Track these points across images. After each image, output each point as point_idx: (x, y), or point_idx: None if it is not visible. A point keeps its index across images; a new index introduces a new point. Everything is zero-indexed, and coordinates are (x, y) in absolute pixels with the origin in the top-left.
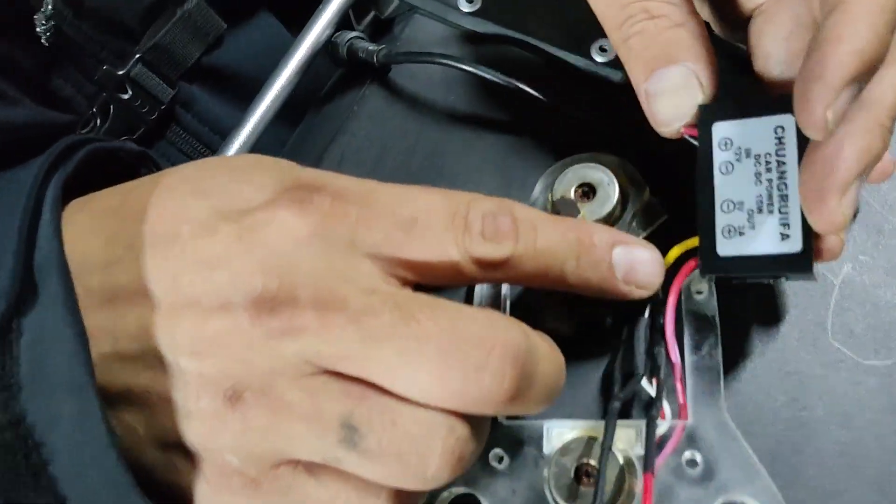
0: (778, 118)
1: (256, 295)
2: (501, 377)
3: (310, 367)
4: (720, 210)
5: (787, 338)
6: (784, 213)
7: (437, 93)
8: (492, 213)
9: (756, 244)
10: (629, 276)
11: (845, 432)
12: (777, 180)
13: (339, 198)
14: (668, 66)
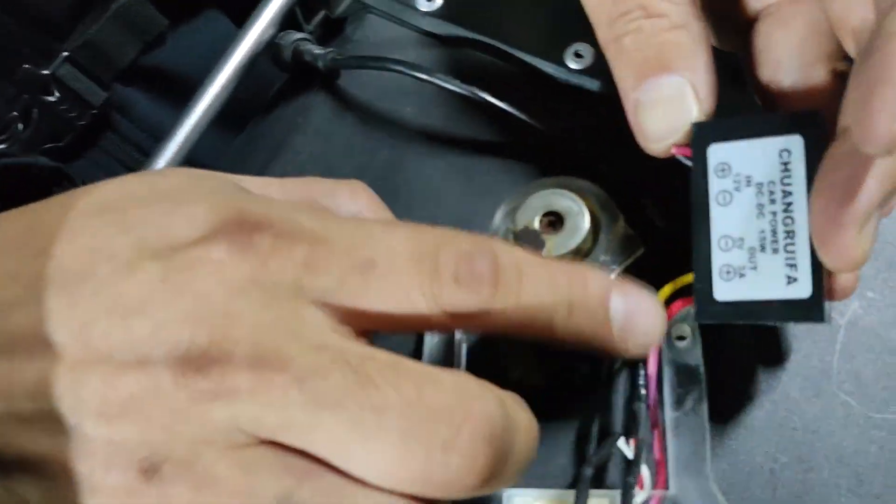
0: (783, 140)
1: (182, 350)
2: (473, 458)
3: (243, 436)
4: (717, 247)
5: (786, 387)
6: (790, 252)
7: (391, 103)
8: (468, 255)
9: (759, 288)
10: (626, 331)
11: (856, 499)
12: (782, 213)
13: (285, 235)
14: (663, 73)
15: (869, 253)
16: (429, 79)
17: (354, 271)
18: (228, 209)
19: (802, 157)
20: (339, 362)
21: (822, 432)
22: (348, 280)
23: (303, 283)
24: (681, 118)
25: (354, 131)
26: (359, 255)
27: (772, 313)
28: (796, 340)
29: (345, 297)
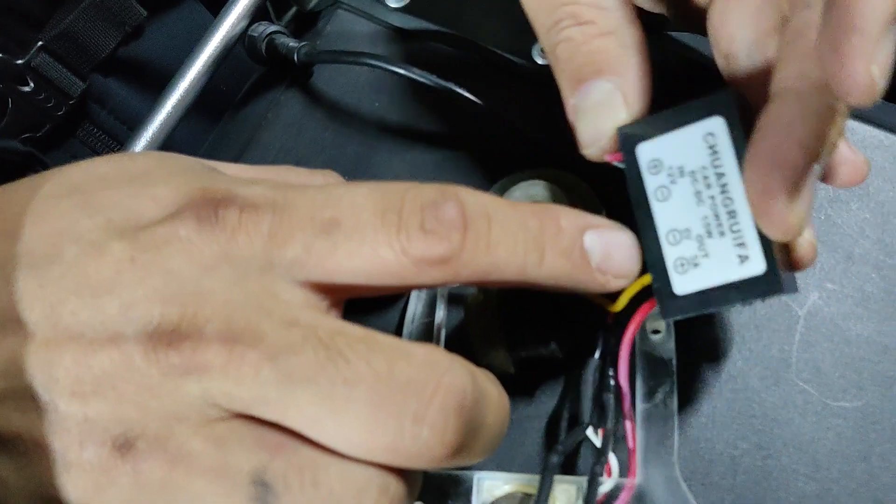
0: (705, 124)
1: (153, 327)
2: (443, 429)
3: (217, 410)
4: (667, 242)
5: (747, 376)
6: (737, 232)
7: (361, 98)
8: (433, 203)
9: (714, 274)
10: (604, 264)
11: (814, 484)
12: (720, 196)
13: (250, 209)
14: (594, 79)
15: (806, 219)
16: (405, 73)
17: (320, 234)
18: (193, 187)
19: (727, 136)
20: (311, 338)
21: (781, 420)
22: (315, 244)
23: (271, 256)
24: (611, 122)
25: (324, 126)
26: (322, 216)
27: (733, 296)
28: (757, 330)
29: (313, 262)
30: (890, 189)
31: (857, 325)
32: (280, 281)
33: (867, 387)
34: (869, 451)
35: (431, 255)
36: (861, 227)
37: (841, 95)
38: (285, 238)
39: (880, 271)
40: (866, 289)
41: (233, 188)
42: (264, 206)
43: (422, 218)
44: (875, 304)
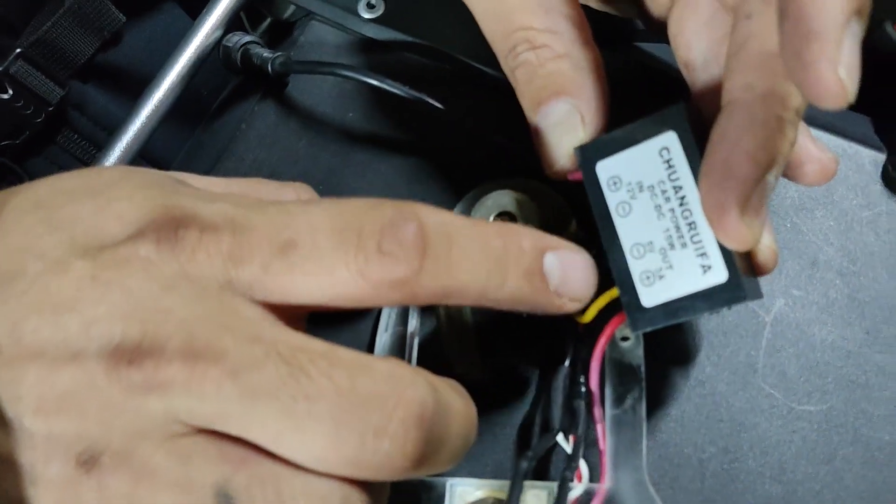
0: (659, 139)
1: (114, 345)
2: (404, 442)
3: (180, 426)
4: (631, 257)
5: (715, 381)
6: (697, 243)
7: (334, 109)
8: (392, 223)
9: (679, 285)
10: (562, 287)
11: (779, 487)
12: (679, 208)
13: (210, 229)
14: (552, 100)
15: (761, 229)
16: (379, 84)
17: (276, 255)
18: (156, 206)
19: (680, 150)
20: (272, 354)
21: (747, 424)
22: (272, 264)
23: (231, 275)
24: (569, 142)
25: (298, 136)
26: (279, 237)
27: (699, 305)
28: (725, 336)
29: (271, 282)
30: (853, 197)
31: (822, 331)
32: (240, 298)
33: (831, 391)
34: (833, 454)
35: (389, 278)
36: (825, 234)
37: (814, 101)
38: (243, 258)
39: (844, 277)
40: (830, 295)
41: (195, 206)
42: (224, 226)
43: (380, 239)
44: (839, 309)
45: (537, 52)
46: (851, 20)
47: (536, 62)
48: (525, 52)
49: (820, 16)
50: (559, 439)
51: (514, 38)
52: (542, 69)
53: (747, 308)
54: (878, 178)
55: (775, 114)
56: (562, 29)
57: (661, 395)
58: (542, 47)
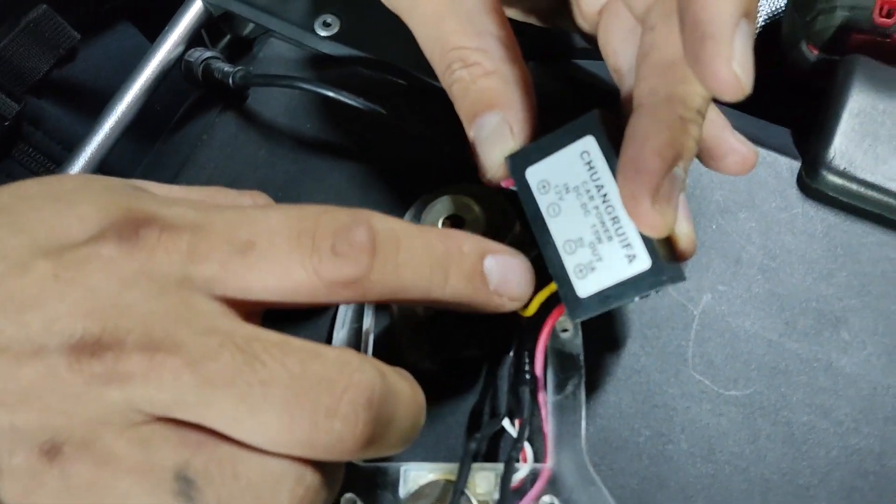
0: (579, 144)
1: (76, 339)
2: (354, 423)
3: (140, 415)
4: (564, 252)
5: (649, 370)
6: (622, 235)
7: (293, 120)
8: (345, 226)
9: (609, 274)
10: (501, 287)
11: (709, 465)
12: (603, 205)
13: (170, 229)
14: (484, 113)
15: (671, 216)
16: (335, 96)
17: (235, 254)
18: (117, 208)
19: (599, 152)
20: (228, 344)
21: (679, 409)
22: (231, 263)
23: (189, 271)
24: (501, 151)
25: (258, 146)
26: (237, 238)
27: (629, 291)
28: (657, 328)
29: (229, 280)
30: (772, 200)
31: (745, 322)
32: (197, 294)
33: (754, 377)
34: (756, 434)
35: (341, 277)
36: (748, 234)
37: (716, 95)
38: (203, 256)
39: (764, 273)
40: (753, 289)
41: (155, 209)
42: (184, 226)
43: (333, 241)
44: (760, 302)
45: (469, 70)
46: (741, 22)
47: (469, 79)
48: (459, 70)
49: (712, 20)
50: (505, 423)
51: (450, 57)
52: (473, 85)
53: (677, 303)
54: (794, 183)
55: (677, 114)
56: (492, 48)
57: (599, 384)
58: (474, 65)
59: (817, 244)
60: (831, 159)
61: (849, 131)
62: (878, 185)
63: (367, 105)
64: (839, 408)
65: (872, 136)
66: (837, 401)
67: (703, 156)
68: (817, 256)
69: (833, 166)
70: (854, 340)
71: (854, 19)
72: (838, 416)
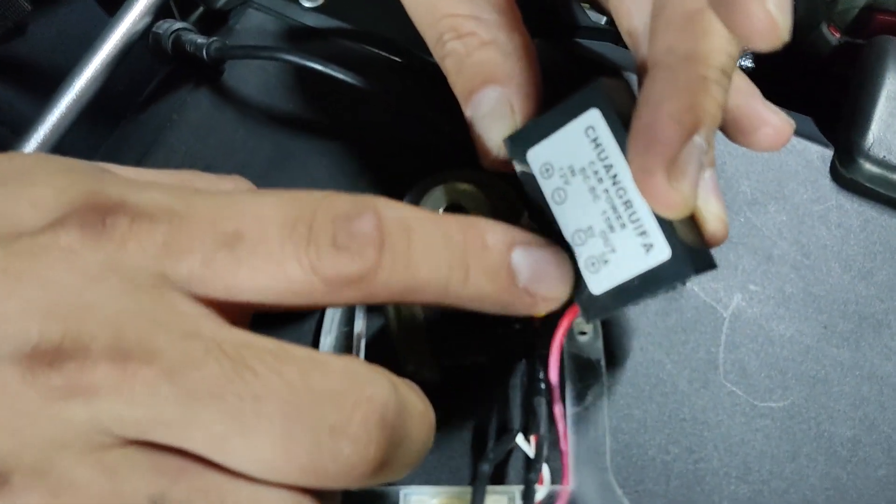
0: (582, 119)
1: (31, 345)
2: (366, 444)
3: (106, 436)
4: (574, 244)
5: (676, 380)
6: (636, 221)
7: (276, 97)
8: (346, 215)
9: (625, 267)
10: (533, 285)
11: (745, 487)
12: (613, 188)
13: (142, 216)
14: (482, 88)
15: (690, 193)
16: (324, 69)
17: (220, 247)
18: (78, 191)
19: (605, 126)
20: (214, 350)
21: (710, 422)
22: (215, 257)
23: (166, 267)
24: (501, 131)
25: (235, 127)
26: (224, 227)
27: (649, 286)
28: (684, 333)
29: (213, 277)
30: (804, 192)
31: (780, 326)
32: (175, 292)
33: (792, 387)
34: (797, 452)
35: (343, 274)
36: (779, 228)
37: (747, 42)
38: (182, 250)
39: (798, 272)
40: (786, 289)
41: (124, 193)
42: (159, 214)
43: (334, 231)
44: (795, 304)
45: (464, 41)
46: None
47: (463, 51)
48: (452, 42)
49: None
50: (518, 440)
51: (441, 27)
52: (469, 58)
53: (705, 304)
54: (827, 173)
55: (698, 74)
56: (488, 15)
57: (621, 395)
58: (468, 35)
59: (854, 240)
60: (869, 147)
61: (886, 116)
62: None
63: (358, 80)
64: (885, 420)
65: None
66: (883, 413)
67: (730, 129)
68: (854, 253)
69: (871, 155)
70: None
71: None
72: (885, 429)
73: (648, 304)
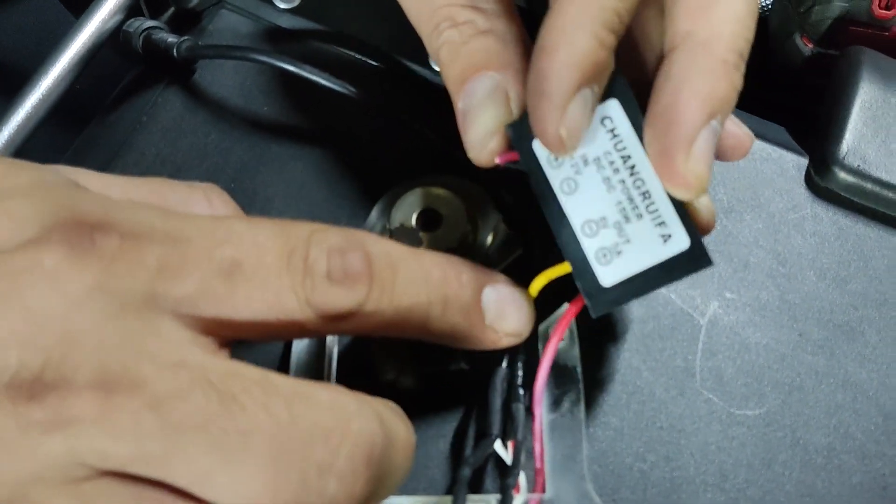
0: (600, 109)
1: (9, 375)
2: (352, 482)
3: (84, 469)
4: (584, 235)
5: (652, 387)
6: (654, 212)
7: (249, 100)
8: (339, 250)
9: (640, 258)
10: (497, 322)
11: (721, 494)
12: (630, 178)
13: (133, 237)
14: (476, 77)
15: (706, 176)
16: (298, 71)
17: (218, 275)
18: (61, 206)
19: (624, 117)
20: (200, 381)
21: (687, 430)
22: (211, 285)
23: (156, 291)
24: (496, 120)
25: (207, 130)
26: (221, 255)
27: (663, 276)
28: (661, 340)
29: (207, 304)
30: (779, 200)
31: (756, 334)
32: (164, 317)
33: (768, 394)
34: (772, 459)
35: (337, 308)
36: (755, 237)
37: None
38: (177, 274)
39: (774, 280)
40: (762, 297)
41: (111, 211)
42: (149, 236)
43: (328, 265)
44: (771, 312)
45: (460, 29)
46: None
47: (460, 39)
48: (448, 30)
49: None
50: (496, 447)
51: (438, 16)
52: (465, 46)
53: (683, 311)
54: (802, 181)
55: (719, 58)
56: (485, 4)
57: (599, 403)
58: (465, 24)
59: (828, 248)
60: (843, 156)
61: (860, 126)
62: (894, 184)
63: (333, 82)
64: (860, 428)
65: (885, 131)
66: (857, 420)
67: None
68: (829, 261)
69: (845, 163)
70: (872, 353)
71: (852, 11)
72: (859, 436)
73: (626, 311)
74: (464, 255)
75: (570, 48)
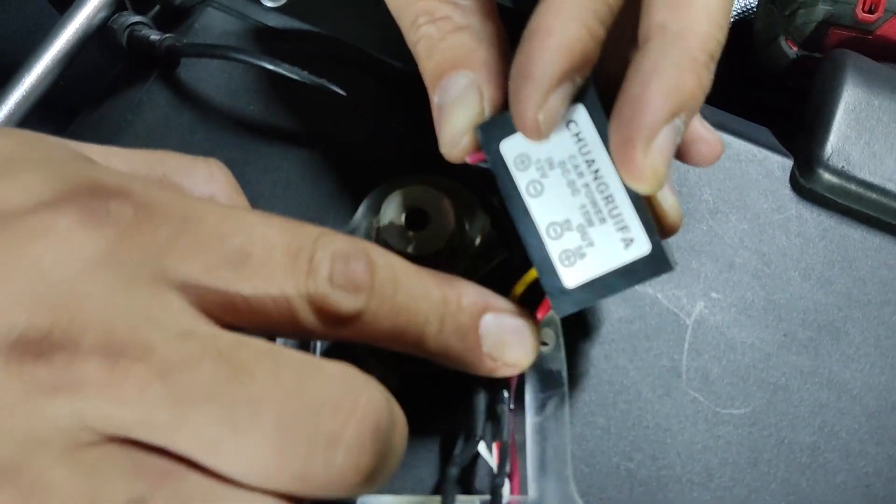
0: (566, 113)
1: (17, 334)
2: (358, 454)
3: (89, 434)
4: (548, 237)
5: (639, 387)
6: (617, 216)
7: (235, 99)
8: (344, 255)
9: (602, 261)
10: (496, 350)
11: (707, 493)
12: (594, 182)
13: (147, 210)
14: (451, 74)
15: (664, 172)
16: (282, 71)
17: (227, 261)
18: (76, 174)
19: (589, 122)
20: (210, 350)
21: (673, 430)
22: (219, 269)
23: (166, 264)
24: (468, 119)
25: (192, 129)
26: (233, 243)
27: (624, 280)
28: (647, 340)
29: (212, 287)
30: (764, 201)
31: (741, 333)
32: (172, 290)
33: (753, 394)
34: (757, 458)
35: (337, 311)
36: (740, 237)
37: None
38: (186, 252)
39: (759, 280)
40: (747, 297)
41: (125, 182)
42: (165, 211)
43: (331, 269)
44: (756, 312)
45: (438, 24)
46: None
47: (437, 34)
48: (426, 25)
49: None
50: (481, 448)
51: (416, 10)
52: (441, 42)
53: (669, 311)
54: (787, 183)
55: (689, 55)
56: (464, 0)
57: (585, 402)
58: (443, 19)
59: (813, 249)
60: (828, 157)
61: (844, 128)
62: (877, 185)
63: (317, 81)
64: (844, 427)
65: (869, 134)
66: (842, 419)
67: None
68: (814, 262)
69: (830, 165)
70: (856, 353)
71: (836, 14)
72: (843, 435)
73: (612, 311)
74: (451, 256)
75: (562, 35)
